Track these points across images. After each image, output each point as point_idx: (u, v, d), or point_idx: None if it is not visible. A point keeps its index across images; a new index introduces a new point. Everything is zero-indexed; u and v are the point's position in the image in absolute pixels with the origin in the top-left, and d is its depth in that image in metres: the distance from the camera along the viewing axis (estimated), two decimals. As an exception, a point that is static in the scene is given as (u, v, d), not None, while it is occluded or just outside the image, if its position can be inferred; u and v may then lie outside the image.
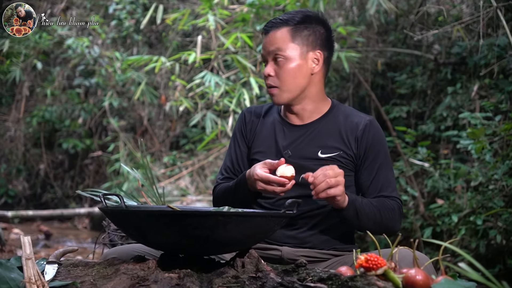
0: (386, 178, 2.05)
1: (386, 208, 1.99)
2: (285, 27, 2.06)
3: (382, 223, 1.98)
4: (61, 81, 8.51)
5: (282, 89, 2.06)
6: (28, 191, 8.74)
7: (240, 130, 2.24)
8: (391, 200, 2.03)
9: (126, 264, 1.53)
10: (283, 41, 2.05)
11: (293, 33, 2.05)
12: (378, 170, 2.05)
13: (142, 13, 7.73)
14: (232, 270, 1.54)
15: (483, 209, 3.99)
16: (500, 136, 3.96)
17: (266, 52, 2.08)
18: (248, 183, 1.96)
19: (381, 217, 1.97)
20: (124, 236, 2.57)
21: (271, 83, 2.06)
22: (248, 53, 5.37)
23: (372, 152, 2.06)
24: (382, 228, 1.98)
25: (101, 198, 1.69)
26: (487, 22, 4.28)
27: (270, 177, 1.87)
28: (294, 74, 2.06)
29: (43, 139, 8.71)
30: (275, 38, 2.05)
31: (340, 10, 6.27)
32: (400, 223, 2.05)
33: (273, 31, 2.06)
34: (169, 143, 8.20)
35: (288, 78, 2.05)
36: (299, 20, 2.07)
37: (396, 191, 2.07)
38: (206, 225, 1.49)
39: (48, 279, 1.52)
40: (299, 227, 2.05)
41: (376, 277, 1.36)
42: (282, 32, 2.06)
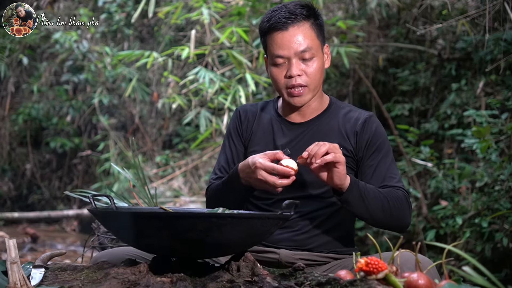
0: (389, 169, 2.05)
1: (394, 197, 1.97)
2: (306, 22, 2.05)
3: (392, 213, 1.95)
4: (48, 77, 8.49)
5: (310, 88, 2.06)
6: (13, 192, 8.73)
7: (235, 128, 2.24)
8: (397, 189, 2.01)
9: (117, 268, 1.53)
10: (311, 39, 2.05)
11: (315, 28, 2.06)
12: (380, 162, 2.06)
13: (133, 6, 7.71)
14: (227, 274, 1.54)
15: (489, 211, 4.00)
16: (507, 134, 3.97)
17: (291, 52, 2.03)
18: (242, 175, 1.95)
19: (389, 205, 1.94)
20: (114, 239, 2.57)
21: (301, 83, 2.04)
22: (244, 48, 5.37)
23: (373, 145, 2.07)
24: (393, 218, 1.96)
25: (90, 199, 1.69)
26: (494, 15, 4.29)
27: (275, 166, 1.86)
28: (321, 71, 2.08)
29: (30, 138, 8.69)
30: (302, 36, 2.03)
31: (340, 3, 6.28)
32: (410, 216, 2.02)
33: (295, 27, 2.03)
34: (161, 142, 8.20)
35: (317, 76, 2.06)
36: (315, 14, 2.08)
37: (401, 182, 2.06)
38: (200, 227, 1.49)
39: (35, 284, 1.52)
40: (297, 229, 2.05)
41: (377, 281, 1.37)
42: (306, 29, 2.04)
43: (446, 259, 1.47)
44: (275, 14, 2.05)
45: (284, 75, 2.05)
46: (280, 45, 2.04)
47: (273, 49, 2.05)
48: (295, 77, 2.04)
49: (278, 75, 2.06)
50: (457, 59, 5.57)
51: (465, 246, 4.17)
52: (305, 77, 2.05)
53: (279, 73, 2.06)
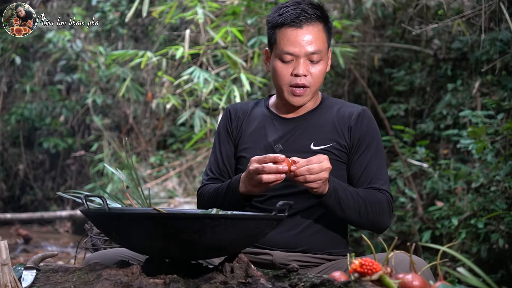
0: (378, 170, 2.07)
1: (374, 201, 2.00)
2: (320, 23, 2.06)
3: (369, 217, 1.99)
4: (41, 76, 8.47)
5: (311, 89, 2.07)
6: (6, 193, 8.70)
7: (225, 127, 2.23)
8: (380, 193, 2.04)
9: (109, 269, 1.53)
10: (322, 42, 2.05)
11: (326, 31, 2.08)
12: (370, 161, 2.07)
13: (127, 6, 7.70)
14: (221, 275, 1.54)
15: (485, 212, 4.00)
16: (503, 135, 3.97)
17: (302, 52, 2.03)
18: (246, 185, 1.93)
19: (366, 210, 1.98)
20: (107, 240, 2.56)
21: (305, 83, 2.04)
22: (238, 48, 5.37)
23: (365, 142, 2.08)
24: (369, 222, 2.00)
25: (83, 200, 1.68)
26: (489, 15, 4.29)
27: (266, 156, 1.84)
28: (324, 74, 2.10)
29: (22, 138, 8.67)
30: (315, 37, 2.03)
31: (335, 2, 6.28)
32: (390, 220, 2.07)
33: (309, 27, 2.03)
34: (155, 142, 8.18)
35: (320, 78, 2.08)
36: (326, 17, 2.08)
37: (387, 184, 2.08)
38: (193, 228, 1.49)
39: (26, 286, 1.51)
40: (290, 228, 2.04)
41: (371, 283, 1.37)
42: (319, 31, 2.05)
43: (441, 260, 1.47)
44: (287, 10, 2.04)
45: (290, 73, 2.05)
46: (293, 42, 2.03)
47: (283, 45, 2.04)
48: (300, 77, 2.04)
49: (283, 71, 2.05)
50: (452, 59, 5.58)
51: (461, 247, 4.18)
52: (310, 78, 2.05)
53: (285, 69, 2.05)
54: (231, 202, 2.00)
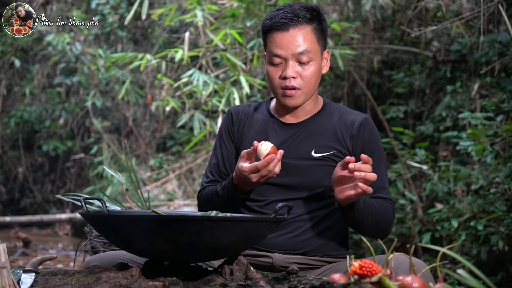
0: (381, 179, 2.07)
1: (384, 210, 2.02)
2: (309, 25, 2.06)
3: (379, 226, 2.01)
4: (40, 79, 8.47)
5: (303, 91, 2.07)
6: (5, 196, 8.69)
7: (227, 130, 2.23)
8: (385, 202, 2.06)
9: (108, 272, 1.53)
10: (311, 43, 2.06)
11: (316, 32, 2.08)
12: (374, 170, 2.06)
13: (127, 8, 7.70)
14: (220, 278, 1.54)
15: (485, 214, 4.00)
16: (502, 137, 3.97)
17: (288, 53, 2.04)
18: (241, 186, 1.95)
19: (379, 219, 1.99)
20: (106, 243, 2.56)
21: (294, 85, 2.05)
22: (238, 51, 5.37)
23: (368, 150, 2.07)
24: (379, 230, 2.02)
25: (82, 202, 1.68)
26: (488, 17, 4.30)
27: (257, 165, 1.86)
28: (317, 75, 2.10)
29: (22, 141, 8.66)
30: (302, 38, 2.04)
31: (334, 5, 6.28)
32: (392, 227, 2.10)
33: (296, 29, 2.04)
34: (155, 144, 8.18)
35: (312, 80, 2.07)
36: (319, 18, 2.09)
37: (389, 193, 2.11)
38: (192, 231, 1.48)
39: (25, 289, 1.51)
40: (290, 232, 2.05)
41: (371, 285, 1.37)
42: (307, 32, 2.05)
43: (441, 262, 1.47)
44: (278, 14, 2.06)
45: (279, 76, 2.06)
46: (279, 45, 2.05)
47: (271, 48, 2.07)
48: (289, 79, 2.04)
49: (274, 74, 2.08)
50: (452, 61, 5.58)
51: (461, 249, 4.17)
52: (300, 80, 2.05)
53: (275, 73, 2.07)
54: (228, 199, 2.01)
